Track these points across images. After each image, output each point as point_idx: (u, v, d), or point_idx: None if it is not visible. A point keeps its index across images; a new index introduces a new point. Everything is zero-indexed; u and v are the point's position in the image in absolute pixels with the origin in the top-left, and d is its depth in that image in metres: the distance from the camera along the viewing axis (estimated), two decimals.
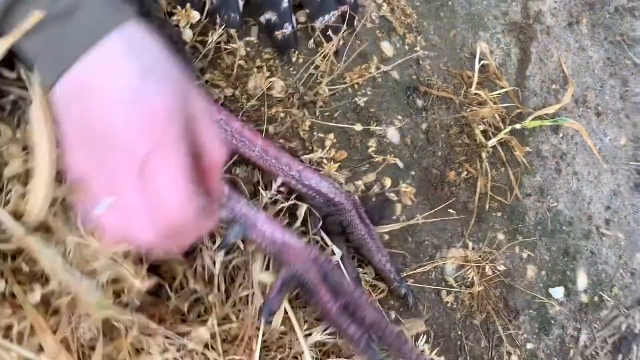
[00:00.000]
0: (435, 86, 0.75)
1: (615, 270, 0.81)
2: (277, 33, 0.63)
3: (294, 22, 0.64)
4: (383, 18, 0.75)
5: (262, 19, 0.63)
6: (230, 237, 0.52)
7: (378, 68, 0.72)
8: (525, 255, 0.75)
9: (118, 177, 0.34)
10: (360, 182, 0.65)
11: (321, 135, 0.66)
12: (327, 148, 0.64)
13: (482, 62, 0.79)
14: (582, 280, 0.78)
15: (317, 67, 0.67)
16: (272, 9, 0.63)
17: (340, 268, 0.57)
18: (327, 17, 0.66)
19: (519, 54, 0.84)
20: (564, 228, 0.79)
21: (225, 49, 0.61)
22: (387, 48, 0.74)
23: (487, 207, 0.74)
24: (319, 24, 0.66)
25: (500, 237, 0.74)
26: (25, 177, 0.48)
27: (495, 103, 0.77)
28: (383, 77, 0.72)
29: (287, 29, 0.63)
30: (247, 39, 0.65)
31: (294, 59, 0.67)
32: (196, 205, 0.36)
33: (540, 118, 0.79)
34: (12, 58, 0.48)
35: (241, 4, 0.61)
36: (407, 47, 0.75)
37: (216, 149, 0.38)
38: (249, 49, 0.63)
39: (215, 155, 0.38)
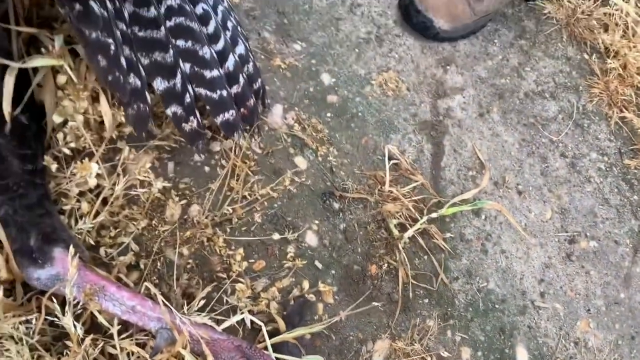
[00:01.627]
0: (349, 189, 0.82)
1: (556, 342, 0.82)
2: (184, 125, 0.69)
3: (199, 116, 0.70)
4: (294, 136, 0.84)
5: (169, 111, 0.68)
6: (160, 342, 0.58)
7: (292, 180, 0.80)
8: (458, 338, 0.78)
9: None
10: (274, 289, 0.70)
11: (237, 249, 0.72)
12: (240, 260, 0.71)
13: (393, 161, 0.86)
14: (522, 357, 0.79)
15: (231, 188, 0.75)
16: (176, 102, 0.68)
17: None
18: (226, 115, 0.73)
19: (432, 148, 0.92)
20: (497, 306, 0.82)
21: (142, 181, 0.70)
22: (300, 161, 0.82)
23: (412, 295, 0.78)
24: (219, 120, 0.72)
25: (429, 322, 0.77)
26: None
27: (409, 197, 0.84)
28: (298, 187, 0.80)
29: (193, 122, 0.70)
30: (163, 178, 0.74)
31: (210, 186, 0.75)
32: None
33: (458, 204, 0.85)
34: None
35: (149, 97, 0.66)
36: (320, 159, 0.84)
37: None
38: (165, 184, 0.71)
39: None
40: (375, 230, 0.80)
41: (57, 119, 0.66)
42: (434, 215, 0.82)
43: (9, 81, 0.56)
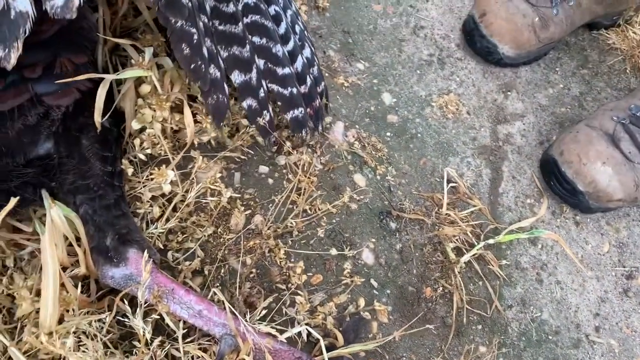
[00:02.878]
0: (407, 209, 0.83)
1: None
2: (258, 119, 0.72)
3: (271, 111, 0.73)
4: (354, 154, 0.85)
5: (244, 104, 0.70)
6: (224, 349, 0.60)
7: (351, 197, 0.81)
8: None
9: None
10: (332, 304, 0.71)
11: (296, 261, 0.74)
12: (300, 273, 0.72)
13: (452, 185, 0.87)
14: None
15: (293, 202, 0.77)
16: (252, 96, 0.71)
17: None
18: (296, 112, 0.75)
19: (490, 173, 0.91)
20: (550, 337, 0.81)
21: (212, 191, 0.72)
22: (359, 179, 0.83)
23: (466, 320, 0.78)
24: (289, 115, 0.75)
25: (482, 349, 0.77)
26: (34, 316, 0.58)
27: (467, 221, 0.84)
28: (356, 204, 0.81)
29: (266, 116, 0.72)
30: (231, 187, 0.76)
31: (274, 198, 0.77)
32: None
33: (515, 231, 0.84)
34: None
35: (227, 88, 0.68)
36: (378, 177, 0.85)
37: None
38: (231, 194, 0.73)
39: None
40: (431, 253, 0.81)
41: (135, 125, 0.69)
42: (490, 241, 0.82)
43: (102, 93, 0.59)
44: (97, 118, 0.60)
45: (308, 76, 0.78)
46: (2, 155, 0.60)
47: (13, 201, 0.52)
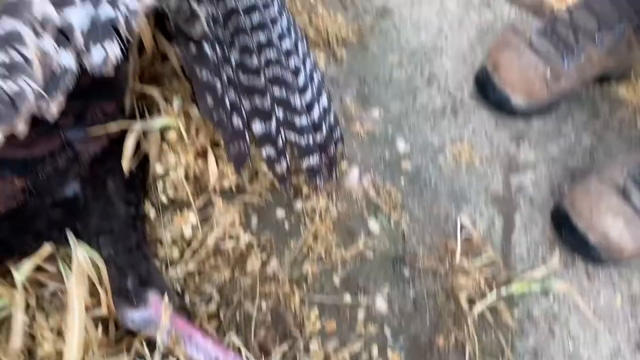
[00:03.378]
0: (420, 257, 0.84)
1: None
2: (276, 167, 0.73)
3: (288, 159, 0.75)
4: (369, 200, 0.87)
5: (264, 153, 0.72)
6: None
7: (365, 244, 0.82)
8: None
9: None
10: (346, 352, 0.72)
11: (311, 308, 0.74)
12: (314, 320, 0.73)
13: (465, 233, 0.88)
14: None
15: (309, 247, 0.78)
16: (271, 144, 0.73)
17: None
18: (311, 160, 0.77)
19: (503, 223, 0.92)
20: None
21: (230, 237, 0.74)
22: (373, 225, 0.85)
23: None
24: (304, 164, 0.77)
25: None
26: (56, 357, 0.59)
27: (479, 270, 0.84)
28: (370, 251, 0.82)
29: (283, 164, 0.74)
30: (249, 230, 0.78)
31: (290, 242, 0.78)
32: None
33: (527, 282, 0.85)
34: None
35: (248, 137, 0.70)
36: (392, 224, 0.86)
37: None
38: (248, 238, 0.75)
39: None
40: (445, 302, 0.81)
41: (160, 169, 0.71)
42: (503, 291, 0.83)
43: (130, 143, 0.61)
44: (126, 166, 0.62)
45: (324, 124, 0.80)
46: (31, 196, 0.62)
47: (47, 248, 0.54)
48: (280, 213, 0.80)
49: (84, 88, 0.59)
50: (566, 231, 0.91)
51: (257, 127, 0.71)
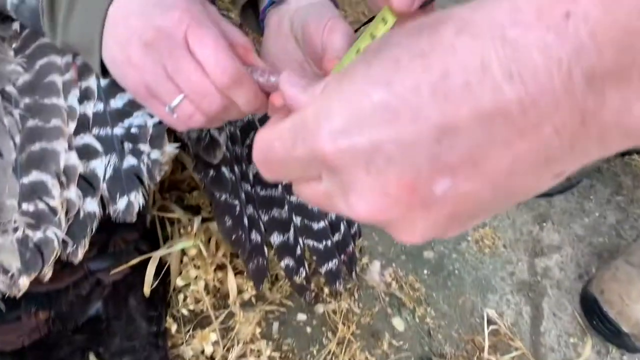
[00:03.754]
0: (448, 355, 0.81)
1: None
2: (295, 277, 0.72)
3: (307, 267, 0.74)
4: (392, 295, 0.85)
5: (282, 264, 0.71)
6: None
7: (390, 344, 0.80)
8: None
9: (169, 66, 0.41)
10: None
11: None
12: None
13: (492, 326, 0.85)
14: None
15: (330, 351, 0.77)
16: (289, 255, 0.72)
17: None
18: (330, 264, 0.77)
19: (531, 311, 0.90)
20: None
21: (251, 351, 0.73)
22: (398, 323, 0.83)
23: None
24: (323, 269, 0.75)
25: None
26: None
27: None
28: (396, 351, 0.80)
29: (302, 273, 0.73)
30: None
31: (312, 349, 0.77)
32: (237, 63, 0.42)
33: None
34: None
35: (266, 251, 0.70)
36: (417, 320, 0.84)
37: (240, 34, 0.46)
38: (269, 352, 0.73)
39: (242, 38, 0.46)
40: None
41: (180, 282, 0.71)
42: None
43: (151, 269, 0.62)
44: (147, 290, 0.63)
45: (342, 223, 0.80)
46: (54, 324, 0.63)
47: None
48: (301, 316, 0.79)
49: (107, 222, 0.61)
50: (597, 319, 0.88)
51: (276, 238, 0.71)
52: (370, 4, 0.45)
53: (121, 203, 0.51)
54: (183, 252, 0.72)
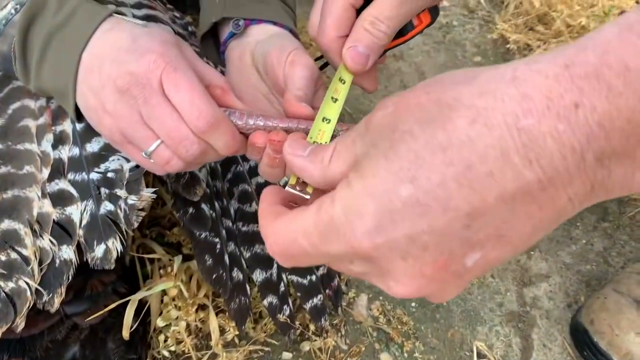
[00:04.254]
0: None
1: None
2: (278, 315, 0.71)
3: (290, 304, 0.73)
4: (380, 330, 0.84)
5: (265, 302, 0.70)
6: None
7: None
8: None
9: (144, 112, 0.41)
10: None
11: None
12: None
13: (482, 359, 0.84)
14: None
15: None
16: (272, 292, 0.71)
17: None
18: (315, 300, 0.75)
19: (520, 342, 0.89)
20: None
21: None
22: (386, 358, 0.81)
23: None
24: (308, 306, 0.74)
25: None
26: None
27: None
28: None
29: (286, 311, 0.72)
30: None
31: None
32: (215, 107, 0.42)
33: None
34: None
35: (249, 289, 0.69)
36: (406, 355, 0.83)
37: (217, 75, 0.45)
38: None
39: (220, 79, 0.45)
40: None
41: (161, 323, 0.69)
42: None
43: (130, 312, 0.60)
44: (125, 333, 0.61)
45: None
46: None
47: None
48: (286, 355, 0.77)
49: (84, 265, 0.59)
50: (588, 349, 0.86)
51: (258, 275, 0.70)
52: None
53: (99, 250, 0.50)
54: (164, 292, 0.70)
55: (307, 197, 0.36)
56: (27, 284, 0.48)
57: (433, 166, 0.25)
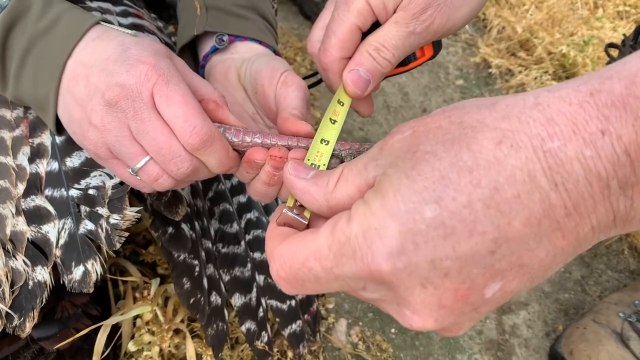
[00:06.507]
0: None
1: None
2: (256, 342, 0.68)
3: (269, 330, 0.70)
4: (359, 357, 0.82)
5: (243, 328, 0.68)
6: None
7: None
8: None
9: (134, 126, 0.38)
10: None
11: None
12: None
13: None
14: None
15: None
16: (251, 317, 0.68)
17: None
18: (293, 326, 0.73)
19: None
20: None
21: None
22: None
23: None
24: (286, 332, 0.72)
25: None
26: None
27: None
28: None
29: (264, 338, 0.69)
30: None
31: None
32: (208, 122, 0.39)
33: None
34: None
35: (227, 314, 0.66)
36: None
37: (211, 88, 0.43)
38: None
39: (214, 92, 0.43)
40: None
41: (132, 347, 0.66)
42: None
43: (102, 338, 0.57)
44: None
45: None
46: None
47: None
48: None
49: (55, 286, 0.55)
50: None
51: (237, 300, 0.67)
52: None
53: (77, 272, 0.46)
54: (137, 315, 0.67)
55: (305, 222, 0.34)
56: None
57: (459, 187, 0.24)
